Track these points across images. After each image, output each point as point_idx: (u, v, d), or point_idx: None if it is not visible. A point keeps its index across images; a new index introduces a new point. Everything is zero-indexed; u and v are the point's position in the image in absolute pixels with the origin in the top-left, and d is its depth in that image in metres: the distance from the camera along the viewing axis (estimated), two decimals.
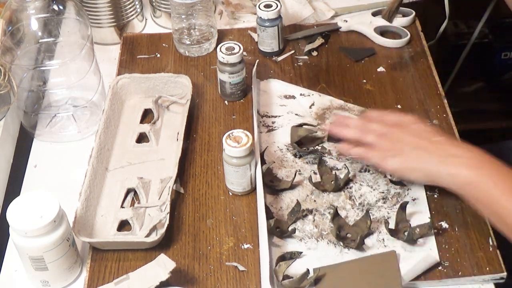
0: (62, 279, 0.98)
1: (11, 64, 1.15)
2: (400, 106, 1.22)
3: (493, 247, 1.00)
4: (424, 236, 1.01)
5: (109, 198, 1.09)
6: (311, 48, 1.34)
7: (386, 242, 1.01)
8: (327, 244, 1.01)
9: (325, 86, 1.27)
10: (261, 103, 1.23)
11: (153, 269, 0.94)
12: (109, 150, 1.15)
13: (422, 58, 1.32)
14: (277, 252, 1.00)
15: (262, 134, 1.18)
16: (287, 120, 1.20)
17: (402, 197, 1.07)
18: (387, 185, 1.08)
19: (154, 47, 1.37)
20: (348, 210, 1.06)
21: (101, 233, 1.04)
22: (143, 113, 1.22)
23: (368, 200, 1.07)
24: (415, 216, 1.04)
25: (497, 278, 0.97)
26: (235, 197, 1.09)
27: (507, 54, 1.98)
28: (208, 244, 1.02)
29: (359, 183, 1.09)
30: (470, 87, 2.05)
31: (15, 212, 0.92)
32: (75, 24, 1.20)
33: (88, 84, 1.22)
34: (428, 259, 0.96)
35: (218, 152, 1.14)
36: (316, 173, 1.11)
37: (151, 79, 1.24)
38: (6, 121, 1.17)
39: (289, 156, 1.14)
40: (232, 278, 0.98)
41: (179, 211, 1.07)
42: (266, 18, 1.29)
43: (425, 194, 1.07)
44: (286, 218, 1.04)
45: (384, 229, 1.01)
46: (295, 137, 1.14)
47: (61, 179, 1.13)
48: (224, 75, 1.22)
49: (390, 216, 1.04)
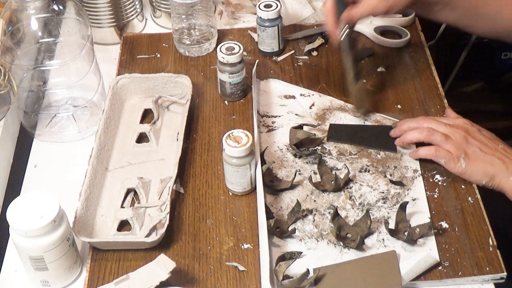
0: (62, 279, 0.98)
1: (11, 64, 1.15)
2: (400, 106, 1.22)
3: (493, 247, 1.00)
4: (424, 236, 1.01)
5: (109, 198, 1.09)
6: (311, 48, 1.34)
7: (386, 242, 1.01)
8: (327, 244, 1.01)
9: (325, 86, 1.27)
10: (261, 103, 1.23)
11: (153, 269, 0.94)
12: (109, 150, 1.15)
13: (422, 58, 1.32)
14: (277, 252, 1.00)
15: (262, 134, 1.18)
16: (287, 120, 1.20)
17: (402, 197, 1.07)
18: (387, 185, 1.08)
19: (154, 47, 1.37)
20: (348, 210, 1.06)
21: (101, 233, 1.04)
22: (143, 113, 1.22)
23: (368, 200, 1.07)
24: (415, 216, 1.04)
25: (497, 278, 0.97)
26: (235, 197, 1.09)
27: (507, 54, 1.98)
28: (208, 244, 1.02)
29: (359, 183, 1.09)
30: (470, 87, 2.05)
31: (15, 212, 0.92)
32: (75, 24, 1.20)
33: (88, 84, 1.22)
34: (428, 259, 0.96)
35: (218, 152, 1.14)
36: (316, 173, 1.11)
37: (151, 79, 1.24)
38: (6, 121, 1.17)
39: (289, 156, 1.14)
40: (232, 278, 0.98)
41: (179, 211, 1.07)
42: (266, 18, 1.29)
43: (425, 194, 1.07)
44: (286, 218, 1.05)
45: (384, 229, 1.01)
46: (294, 140, 1.14)
47: (61, 179, 1.13)
48: (224, 75, 1.22)
49: (390, 216, 1.04)
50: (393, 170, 1.11)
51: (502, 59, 1.98)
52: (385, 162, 1.12)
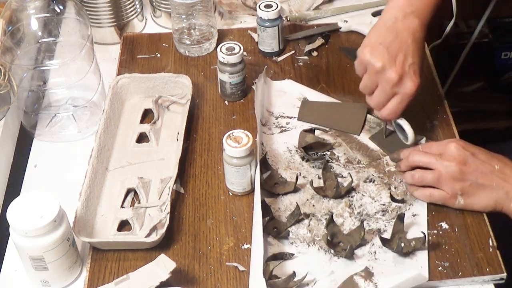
0: (62, 279, 0.98)
1: (11, 64, 1.15)
2: None
3: (493, 248, 1.00)
4: (417, 250, 0.99)
5: (109, 198, 1.09)
6: (311, 48, 1.34)
7: (377, 255, 1.00)
8: (317, 250, 1.01)
9: (325, 86, 1.27)
10: (277, 104, 1.23)
11: (153, 269, 0.94)
12: (109, 150, 1.15)
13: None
14: (268, 251, 1.00)
15: (273, 135, 1.18)
16: (301, 122, 1.20)
17: (402, 211, 1.04)
18: (389, 197, 1.07)
19: (154, 47, 1.37)
20: (346, 218, 1.05)
21: (101, 233, 1.04)
22: (143, 113, 1.22)
23: (367, 210, 1.06)
24: (412, 231, 1.02)
25: (497, 279, 0.97)
26: (235, 197, 1.09)
27: (507, 54, 1.98)
28: (208, 244, 1.02)
29: (361, 193, 1.08)
30: (470, 87, 2.05)
31: (15, 212, 0.92)
32: (75, 24, 1.20)
33: (88, 84, 1.22)
34: (418, 278, 0.94)
35: (218, 152, 1.14)
36: (320, 178, 1.10)
37: (151, 79, 1.24)
38: (6, 121, 1.17)
39: (296, 158, 1.14)
40: (232, 278, 0.98)
41: (179, 211, 1.07)
42: (266, 18, 1.29)
43: (426, 211, 1.05)
44: (286, 220, 1.04)
45: (378, 241, 1.00)
46: (303, 143, 1.13)
47: (61, 179, 1.13)
48: (224, 75, 1.22)
49: (387, 229, 1.03)
50: (398, 183, 1.09)
51: (502, 59, 1.98)
52: (392, 174, 1.11)
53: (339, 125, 1.18)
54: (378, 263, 0.99)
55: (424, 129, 1.18)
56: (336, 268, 0.98)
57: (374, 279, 0.96)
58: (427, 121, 1.19)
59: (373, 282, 0.96)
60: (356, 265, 0.99)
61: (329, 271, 0.98)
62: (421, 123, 1.18)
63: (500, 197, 1.01)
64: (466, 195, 1.02)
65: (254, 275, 0.95)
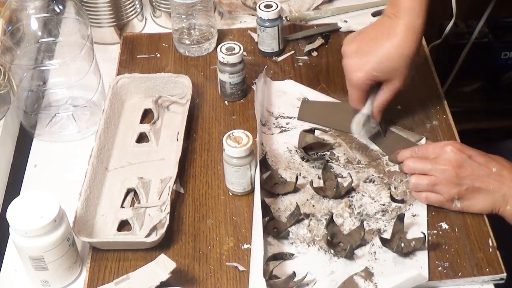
0: (62, 279, 0.98)
1: (11, 63, 1.15)
2: (400, 107, 1.22)
3: (493, 248, 1.00)
4: (417, 250, 0.99)
5: (109, 198, 1.09)
6: (311, 49, 1.34)
7: (377, 255, 1.00)
8: (317, 250, 1.01)
9: (325, 86, 1.27)
10: (277, 104, 1.23)
11: (153, 269, 0.94)
12: (109, 150, 1.15)
13: (422, 58, 1.31)
14: (268, 251, 1.00)
15: (273, 135, 1.18)
16: (301, 122, 1.20)
17: (402, 212, 1.04)
18: (389, 197, 1.07)
19: (154, 47, 1.37)
20: (346, 218, 1.05)
21: (101, 233, 1.04)
22: (143, 113, 1.22)
23: (367, 211, 1.06)
24: (412, 231, 1.02)
25: (497, 279, 0.97)
26: (235, 197, 1.09)
27: (507, 54, 1.97)
28: (208, 244, 1.02)
29: (361, 193, 1.08)
30: (470, 87, 2.05)
31: (15, 212, 0.92)
32: (75, 24, 1.20)
33: (88, 84, 1.22)
34: (418, 278, 0.94)
35: (218, 152, 1.14)
36: (320, 178, 1.10)
37: (151, 79, 1.24)
38: (6, 121, 1.17)
39: (296, 158, 1.14)
40: (232, 278, 0.98)
41: (179, 211, 1.07)
42: (266, 18, 1.29)
43: (426, 212, 1.05)
44: (285, 220, 1.04)
45: (377, 242, 1.00)
46: (302, 143, 1.13)
47: (61, 179, 1.13)
48: (224, 75, 1.22)
49: (386, 230, 1.03)
50: (398, 184, 1.09)
51: (502, 59, 1.98)
52: (392, 174, 1.11)
53: (339, 125, 1.18)
54: (378, 263, 0.99)
55: (424, 129, 1.18)
56: (336, 268, 0.98)
57: (374, 279, 0.96)
58: (427, 121, 1.19)
59: (373, 282, 0.96)
60: (356, 265, 0.99)
61: (329, 271, 0.98)
62: (421, 123, 1.19)
63: (496, 200, 1.01)
64: (462, 198, 1.02)
65: (254, 275, 0.95)
